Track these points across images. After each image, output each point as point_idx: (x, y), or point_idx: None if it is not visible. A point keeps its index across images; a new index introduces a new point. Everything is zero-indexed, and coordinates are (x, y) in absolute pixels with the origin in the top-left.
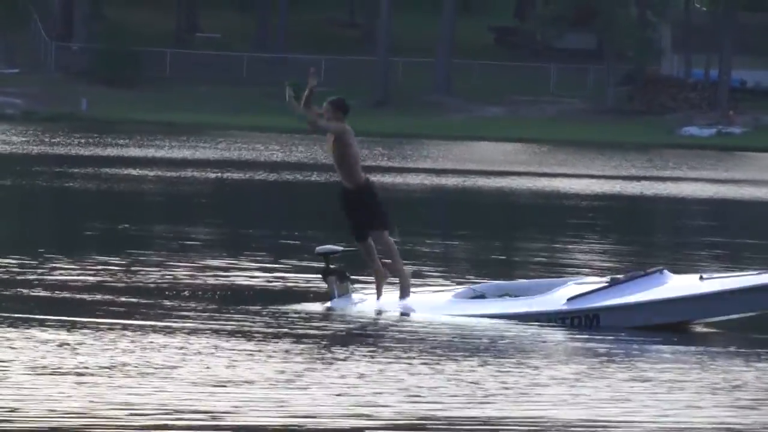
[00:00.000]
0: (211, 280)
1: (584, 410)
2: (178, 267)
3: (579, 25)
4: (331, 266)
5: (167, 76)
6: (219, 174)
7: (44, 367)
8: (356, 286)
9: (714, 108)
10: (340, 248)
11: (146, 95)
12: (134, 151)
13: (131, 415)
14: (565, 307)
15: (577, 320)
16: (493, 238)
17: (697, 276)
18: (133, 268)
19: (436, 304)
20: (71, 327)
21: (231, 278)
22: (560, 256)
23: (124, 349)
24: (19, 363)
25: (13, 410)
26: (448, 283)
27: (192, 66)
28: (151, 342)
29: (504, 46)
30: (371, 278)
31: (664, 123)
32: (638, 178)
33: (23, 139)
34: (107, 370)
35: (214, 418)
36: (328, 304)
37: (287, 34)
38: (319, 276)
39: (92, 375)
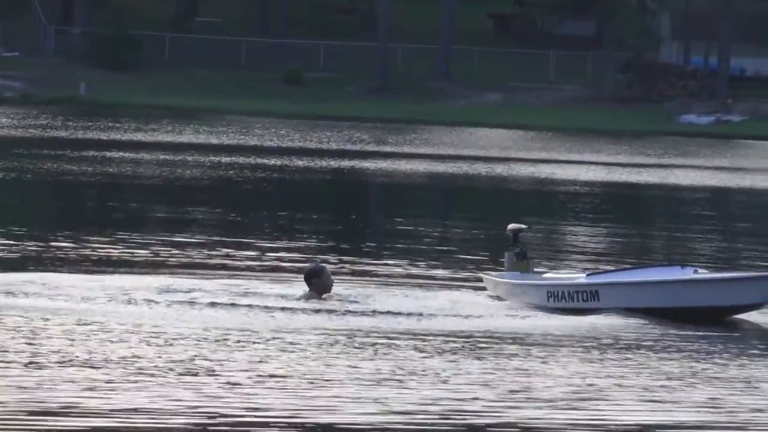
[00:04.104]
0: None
1: (686, 416)
2: (261, 257)
3: (578, 12)
4: (517, 243)
5: (166, 61)
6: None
7: (133, 365)
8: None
9: (713, 96)
10: (525, 226)
11: (145, 79)
12: (132, 135)
13: (221, 416)
14: (575, 282)
15: (584, 295)
16: (490, 223)
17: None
18: (225, 263)
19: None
20: (130, 326)
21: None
22: (558, 242)
23: (213, 349)
24: (109, 359)
25: (99, 410)
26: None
27: (191, 51)
28: (240, 342)
29: (503, 33)
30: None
31: (663, 110)
32: (636, 166)
33: (21, 121)
34: (197, 368)
35: (310, 416)
36: (493, 275)
37: (287, 20)
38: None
39: (173, 373)
